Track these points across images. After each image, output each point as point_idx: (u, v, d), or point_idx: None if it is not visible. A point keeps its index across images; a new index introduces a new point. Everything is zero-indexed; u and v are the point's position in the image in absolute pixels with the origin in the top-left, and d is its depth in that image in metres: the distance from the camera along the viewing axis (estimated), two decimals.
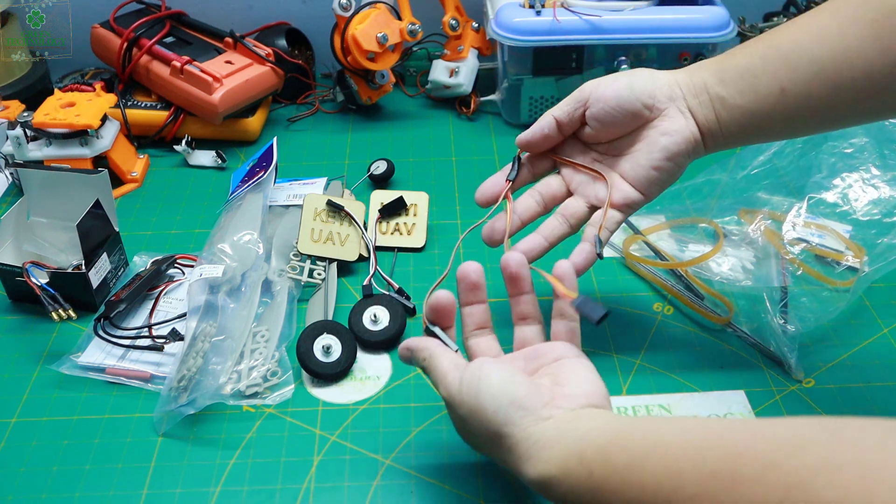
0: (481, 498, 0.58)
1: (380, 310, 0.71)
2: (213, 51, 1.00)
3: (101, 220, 0.74)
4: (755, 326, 0.70)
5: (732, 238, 0.78)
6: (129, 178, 0.92)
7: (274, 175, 0.83)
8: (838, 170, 0.82)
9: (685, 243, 0.79)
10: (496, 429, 0.49)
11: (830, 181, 0.81)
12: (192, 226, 0.86)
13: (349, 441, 0.62)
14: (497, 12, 0.96)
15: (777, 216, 0.79)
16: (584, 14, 0.94)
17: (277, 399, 0.65)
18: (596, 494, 0.43)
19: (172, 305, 0.73)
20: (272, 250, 0.77)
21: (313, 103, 1.08)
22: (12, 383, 0.68)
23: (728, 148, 0.61)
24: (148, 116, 0.98)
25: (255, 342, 0.68)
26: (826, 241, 0.77)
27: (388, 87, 1.04)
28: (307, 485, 0.59)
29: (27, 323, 0.74)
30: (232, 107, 0.95)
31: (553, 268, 0.57)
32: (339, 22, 0.97)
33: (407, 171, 0.94)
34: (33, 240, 0.76)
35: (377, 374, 0.68)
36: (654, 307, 0.74)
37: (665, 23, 0.94)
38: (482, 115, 1.06)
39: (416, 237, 0.82)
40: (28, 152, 0.88)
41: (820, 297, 0.71)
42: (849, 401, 0.64)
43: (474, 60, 1.04)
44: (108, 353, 0.69)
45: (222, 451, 0.62)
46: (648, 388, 0.66)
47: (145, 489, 0.59)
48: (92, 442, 0.62)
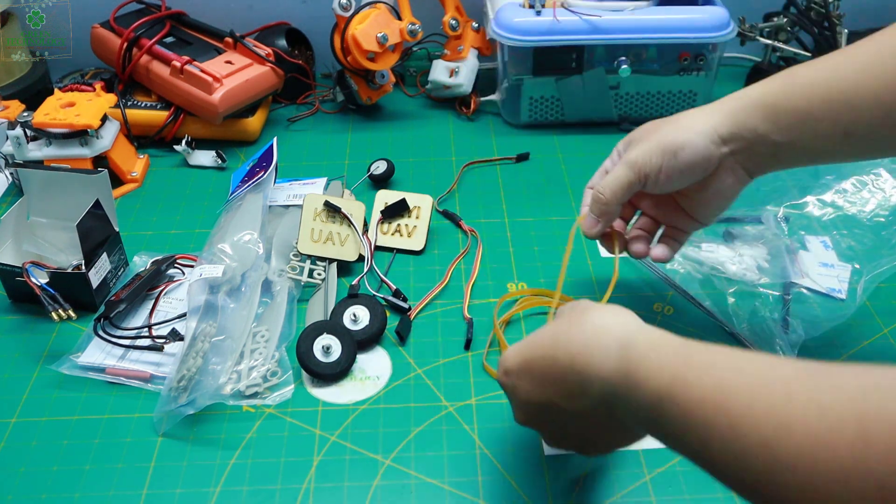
0: (481, 498, 0.58)
1: (360, 309, 0.71)
2: (213, 51, 1.00)
3: (101, 220, 0.74)
4: (756, 327, 0.70)
5: (746, 236, 0.78)
6: (129, 178, 0.92)
7: (274, 175, 0.83)
8: (845, 173, 0.82)
9: (696, 242, 0.79)
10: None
11: (840, 183, 0.81)
12: (192, 226, 0.86)
13: (349, 441, 0.62)
14: (497, 12, 0.96)
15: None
16: (584, 14, 0.94)
17: (277, 399, 0.65)
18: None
19: (172, 305, 0.73)
20: (272, 250, 0.77)
21: (313, 103, 1.08)
22: (12, 383, 0.68)
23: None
24: (148, 116, 0.98)
25: (255, 342, 0.68)
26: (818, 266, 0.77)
27: (388, 87, 1.04)
28: (307, 485, 0.59)
29: (27, 323, 0.74)
30: (232, 107, 0.95)
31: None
32: (339, 22, 0.97)
33: (407, 171, 0.94)
34: (33, 240, 0.76)
35: (377, 374, 0.68)
36: (654, 307, 0.74)
37: (665, 23, 0.94)
38: (482, 115, 1.06)
39: (416, 240, 0.82)
40: (28, 152, 0.88)
41: (824, 305, 0.72)
42: None
43: (474, 60, 1.04)
44: (107, 353, 0.69)
45: (222, 451, 0.62)
46: None
47: (145, 489, 0.59)
48: (92, 442, 0.62)
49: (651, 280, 0.77)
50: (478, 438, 0.62)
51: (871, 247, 0.76)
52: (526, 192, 0.91)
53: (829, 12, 1.01)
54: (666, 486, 0.58)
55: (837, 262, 0.76)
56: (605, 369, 0.45)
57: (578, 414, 0.49)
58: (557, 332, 0.49)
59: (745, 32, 1.03)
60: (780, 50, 1.06)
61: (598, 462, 0.60)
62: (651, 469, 0.60)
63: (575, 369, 0.47)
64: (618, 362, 0.45)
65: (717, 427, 0.38)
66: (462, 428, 0.63)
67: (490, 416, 0.64)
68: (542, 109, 1.01)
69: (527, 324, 0.72)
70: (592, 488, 0.58)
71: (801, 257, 0.77)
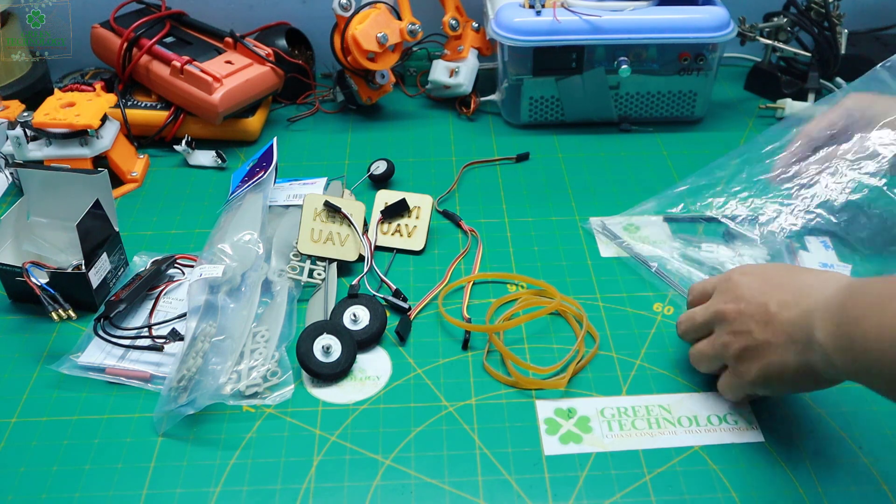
0: (481, 498, 0.58)
1: (360, 309, 0.71)
2: (213, 51, 1.00)
3: (101, 220, 0.74)
4: None
5: (746, 237, 0.78)
6: (129, 178, 0.92)
7: (274, 175, 0.83)
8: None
9: (694, 244, 0.79)
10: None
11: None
12: (192, 226, 0.86)
13: (349, 441, 0.62)
14: (497, 12, 0.96)
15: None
16: (584, 14, 0.94)
17: (277, 399, 0.65)
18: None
19: (172, 305, 0.73)
20: (272, 250, 0.77)
21: (313, 103, 1.08)
22: (12, 383, 0.68)
23: None
24: (148, 116, 0.98)
25: (255, 342, 0.68)
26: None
27: (388, 87, 1.04)
28: (307, 485, 0.59)
29: (27, 323, 0.74)
30: (232, 107, 0.95)
31: None
32: (339, 22, 0.97)
33: (407, 171, 0.94)
34: (33, 240, 0.76)
35: (377, 374, 0.68)
36: (654, 307, 0.74)
37: (665, 23, 0.94)
38: (482, 115, 1.06)
39: (415, 240, 0.82)
40: (28, 152, 0.88)
41: None
42: (849, 400, 0.64)
43: (474, 60, 1.04)
44: (107, 353, 0.69)
45: (222, 451, 0.62)
46: (648, 388, 0.66)
47: (145, 489, 0.59)
48: (92, 442, 0.62)
49: (651, 280, 0.77)
50: (478, 438, 0.62)
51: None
52: (526, 192, 0.91)
53: (829, 12, 1.01)
54: (666, 486, 0.58)
55: (837, 262, 0.76)
56: (826, 291, 0.53)
57: (777, 321, 0.56)
58: (797, 266, 0.62)
59: (745, 32, 1.04)
60: (780, 50, 1.06)
61: (599, 463, 0.60)
62: (651, 469, 0.60)
63: (800, 284, 0.56)
64: (838, 289, 0.52)
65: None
66: (462, 428, 0.63)
67: (490, 416, 0.64)
68: (542, 109, 1.01)
69: (526, 324, 0.72)
70: (592, 488, 0.58)
71: (801, 257, 0.77)
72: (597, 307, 0.74)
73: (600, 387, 0.66)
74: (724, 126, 1.03)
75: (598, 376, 0.67)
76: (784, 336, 0.55)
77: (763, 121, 1.04)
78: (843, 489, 0.58)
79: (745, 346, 0.58)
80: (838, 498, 0.57)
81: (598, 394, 0.66)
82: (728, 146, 0.97)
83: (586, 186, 0.92)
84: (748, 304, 0.58)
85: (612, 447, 0.61)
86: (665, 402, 0.65)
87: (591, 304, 0.74)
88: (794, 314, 0.55)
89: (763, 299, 0.57)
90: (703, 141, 1.00)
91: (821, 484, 0.58)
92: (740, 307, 0.59)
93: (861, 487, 0.58)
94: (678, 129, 1.03)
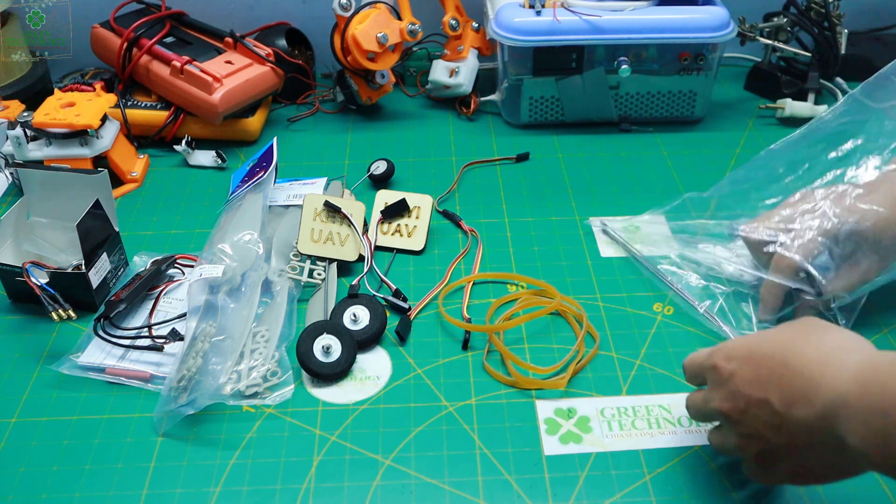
0: (481, 498, 0.58)
1: (360, 309, 0.71)
2: (213, 51, 1.00)
3: (101, 220, 0.74)
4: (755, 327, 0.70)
5: None
6: (129, 178, 0.92)
7: (274, 175, 0.83)
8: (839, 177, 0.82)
9: (692, 244, 0.79)
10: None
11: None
12: (192, 226, 0.86)
13: (349, 441, 0.62)
14: (497, 12, 0.96)
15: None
16: (584, 14, 0.94)
17: (277, 399, 0.65)
18: None
19: (172, 305, 0.73)
20: (272, 250, 0.77)
21: (313, 103, 1.08)
22: (12, 383, 0.68)
23: None
24: (148, 116, 0.98)
25: (255, 342, 0.68)
26: None
27: (388, 87, 1.04)
28: (307, 485, 0.59)
29: (27, 323, 0.74)
30: (232, 107, 0.95)
31: None
32: (339, 22, 0.97)
33: (407, 171, 0.94)
34: (33, 240, 0.76)
35: (377, 374, 0.68)
36: (654, 307, 0.74)
37: (665, 23, 0.95)
38: (482, 115, 1.06)
39: (415, 240, 0.82)
40: (28, 152, 0.88)
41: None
42: None
43: (474, 60, 1.04)
44: (107, 353, 0.69)
45: (222, 451, 0.62)
46: (648, 388, 0.66)
47: (145, 489, 0.59)
48: (92, 442, 0.62)
49: (651, 280, 0.77)
50: (478, 438, 0.62)
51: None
52: (526, 192, 0.91)
53: (829, 12, 1.01)
54: (666, 486, 0.58)
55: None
56: (839, 380, 0.45)
57: (790, 424, 0.48)
58: (790, 337, 0.50)
59: (745, 32, 1.04)
60: (780, 50, 1.06)
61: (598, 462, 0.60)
62: (651, 469, 0.60)
63: (805, 375, 0.47)
64: (855, 374, 0.45)
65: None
66: (462, 428, 0.63)
67: (490, 416, 0.64)
68: (542, 109, 1.01)
69: (526, 324, 0.72)
70: (592, 488, 0.58)
71: None
72: (597, 307, 0.74)
73: (600, 387, 0.66)
74: (724, 126, 1.03)
75: (598, 376, 0.67)
76: (805, 438, 0.48)
77: (763, 121, 1.04)
78: (843, 489, 0.58)
79: (762, 450, 0.52)
80: (838, 498, 0.57)
81: (598, 394, 0.66)
82: (728, 146, 0.97)
83: (586, 186, 0.92)
84: (747, 403, 0.50)
85: (612, 447, 0.61)
86: (665, 402, 0.65)
87: (591, 304, 0.74)
88: (808, 415, 0.47)
89: (761, 395, 0.49)
90: (703, 141, 1.00)
91: None
92: (739, 406, 0.51)
93: (861, 487, 0.58)
94: (678, 129, 1.03)
